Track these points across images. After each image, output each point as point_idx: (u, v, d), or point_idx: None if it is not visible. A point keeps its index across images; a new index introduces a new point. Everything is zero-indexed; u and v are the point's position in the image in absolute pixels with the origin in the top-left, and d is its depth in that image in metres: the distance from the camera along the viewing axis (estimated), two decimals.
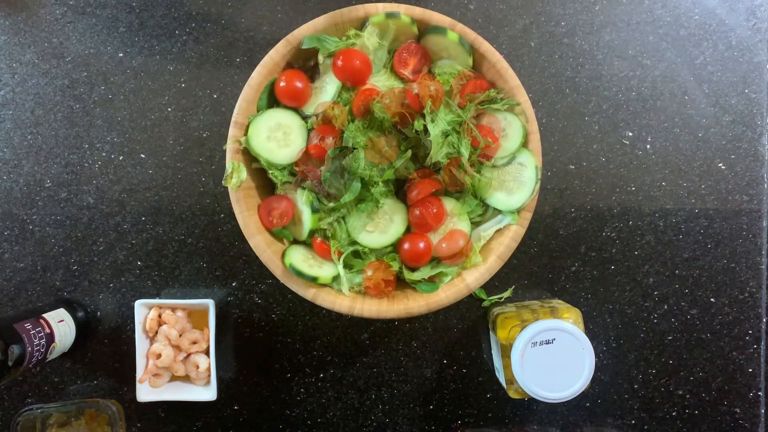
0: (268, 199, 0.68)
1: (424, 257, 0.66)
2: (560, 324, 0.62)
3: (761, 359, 0.76)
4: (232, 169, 0.65)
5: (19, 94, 0.77)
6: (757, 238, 0.76)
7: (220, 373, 0.75)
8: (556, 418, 0.76)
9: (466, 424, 0.77)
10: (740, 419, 0.76)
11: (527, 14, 0.76)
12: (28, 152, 0.77)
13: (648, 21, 0.77)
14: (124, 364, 0.76)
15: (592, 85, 0.77)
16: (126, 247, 0.77)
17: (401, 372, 0.77)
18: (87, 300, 0.77)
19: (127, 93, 0.77)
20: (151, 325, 0.73)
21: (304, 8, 0.76)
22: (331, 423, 0.77)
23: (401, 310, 0.65)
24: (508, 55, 0.76)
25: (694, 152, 0.76)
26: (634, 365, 0.76)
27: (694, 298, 0.76)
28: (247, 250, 0.70)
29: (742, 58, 0.76)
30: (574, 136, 0.76)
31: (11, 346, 0.62)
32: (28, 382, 0.77)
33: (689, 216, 0.76)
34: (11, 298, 0.77)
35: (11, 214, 0.77)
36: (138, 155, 0.77)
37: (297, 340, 0.77)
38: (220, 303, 0.76)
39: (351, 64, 0.64)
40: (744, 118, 0.76)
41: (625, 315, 0.76)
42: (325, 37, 0.65)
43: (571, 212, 0.76)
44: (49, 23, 0.77)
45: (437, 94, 0.64)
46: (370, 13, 0.65)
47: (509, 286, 0.76)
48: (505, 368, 0.66)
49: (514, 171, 0.67)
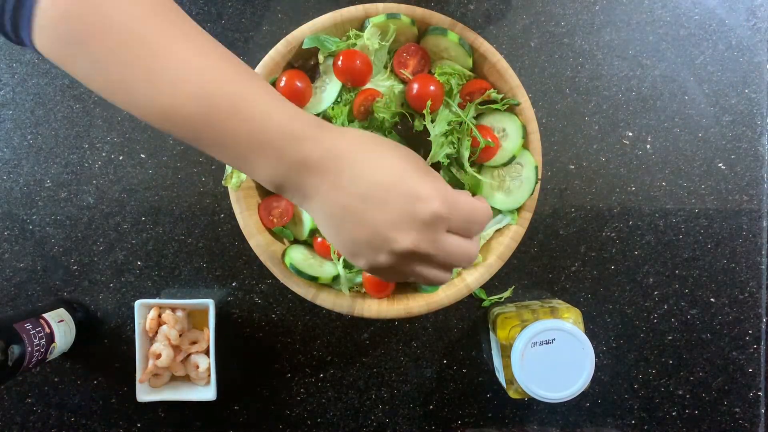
0: (268, 199, 0.68)
1: None
2: (560, 324, 0.62)
3: (761, 359, 0.76)
4: (232, 169, 0.65)
5: (19, 94, 0.77)
6: (757, 238, 0.76)
7: (220, 373, 0.75)
8: (556, 418, 0.76)
9: (466, 424, 0.77)
10: (740, 419, 0.76)
11: (527, 14, 0.77)
12: (28, 152, 0.77)
13: (648, 21, 0.77)
14: (124, 364, 0.76)
15: (592, 85, 0.77)
16: (126, 247, 0.77)
17: (401, 372, 0.77)
18: (87, 300, 0.77)
19: None
20: (151, 325, 0.73)
21: (304, 8, 0.76)
22: (331, 423, 0.77)
23: (401, 310, 0.65)
24: (508, 55, 0.76)
25: (694, 152, 0.76)
26: (634, 365, 0.76)
27: (694, 298, 0.76)
28: (247, 250, 0.70)
29: (742, 58, 0.77)
30: (574, 136, 0.76)
31: (11, 346, 0.62)
32: (28, 382, 0.77)
33: (689, 216, 0.76)
34: (11, 298, 0.77)
35: (11, 214, 0.77)
36: (138, 155, 0.77)
37: (297, 340, 0.77)
38: (220, 303, 0.76)
39: (352, 64, 0.64)
40: (744, 118, 0.76)
41: (625, 315, 0.76)
42: (325, 38, 0.65)
43: (571, 212, 0.76)
44: None
45: (437, 94, 0.64)
46: (370, 14, 0.66)
47: (509, 286, 0.76)
48: (505, 368, 0.66)
49: (514, 171, 0.67)
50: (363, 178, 0.42)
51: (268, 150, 0.42)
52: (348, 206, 0.42)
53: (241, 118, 0.41)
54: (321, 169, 0.42)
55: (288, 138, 0.42)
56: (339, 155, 0.42)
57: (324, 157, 0.42)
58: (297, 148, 0.42)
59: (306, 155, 0.42)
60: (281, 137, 0.42)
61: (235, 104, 0.41)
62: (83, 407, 0.77)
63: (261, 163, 0.43)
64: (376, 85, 0.67)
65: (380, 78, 0.67)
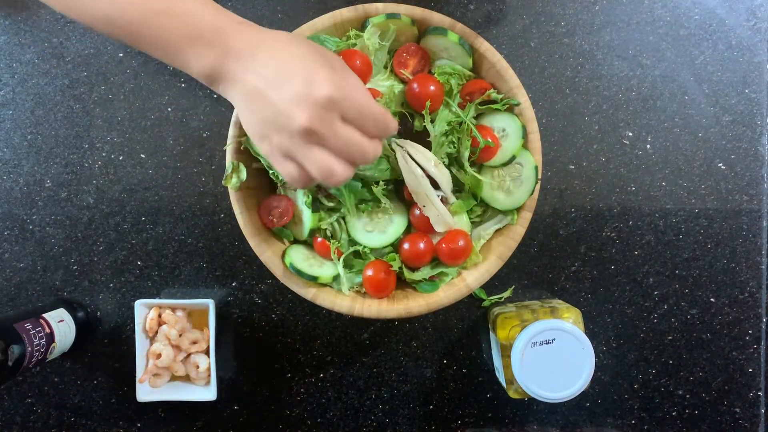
0: (268, 199, 0.68)
1: (425, 257, 0.66)
2: (560, 324, 0.62)
3: (761, 359, 0.76)
4: (232, 169, 0.65)
5: (19, 94, 0.77)
6: (757, 238, 0.76)
7: (220, 373, 0.75)
8: (556, 418, 0.76)
9: (466, 424, 0.77)
10: (740, 419, 0.76)
11: (527, 14, 0.76)
12: (28, 152, 0.77)
13: (648, 21, 0.77)
14: (124, 364, 0.76)
15: (592, 85, 0.77)
16: (126, 247, 0.77)
17: (401, 372, 0.77)
18: (87, 300, 0.77)
19: (127, 93, 0.77)
20: (151, 325, 0.73)
21: (304, 8, 0.76)
22: (331, 423, 0.77)
23: (401, 310, 0.65)
24: (508, 55, 0.76)
25: (694, 152, 0.76)
26: (634, 365, 0.76)
27: (694, 298, 0.76)
28: (247, 250, 0.70)
29: (742, 58, 0.77)
30: (574, 136, 0.76)
31: (11, 346, 0.62)
32: (28, 382, 0.77)
33: (689, 216, 0.76)
34: (11, 298, 0.77)
35: (11, 214, 0.77)
36: (138, 155, 0.77)
37: (297, 340, 0.77)
38: (220, 303, 0.76)
39: (352, 64, 0.64)
40: (744, 118, 0.76)
41: (625, 315, 0.76)
42: (325, 37, 0.65)
43: (571, 212, 0.76)
44: (49, 23, 0.77)
45: (437, 94, 0.64)
46: (370, 14, 0.66)
47: (509, 286, 0.76)
48: (505, 368, 0.66)
49: (514, 171, 0.67)
50: (270, 63, 0.47)
51: (200, 42, 0.48)
52: (256, 87, 0.47)
53: (176, 17, 0.48)
54: (240, 57, 0.48)
55: (217, 32, 0.48)
56: (257, 45, 0.48)
57: (245, 47, 0.48)
58: (223, 39, 0.48)
59: (230, 45, 0.48)
60: (211, 31, 0.48)
61: (170, 6, 0.48)
62: (83, 407, 0.77)
63: (193, 55, 0.49)
64: (376, 85, 0.67)
65: (380, 78, 0.67)
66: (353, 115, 0.48)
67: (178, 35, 0.48)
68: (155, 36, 0.49)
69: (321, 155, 0.47)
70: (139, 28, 0.49)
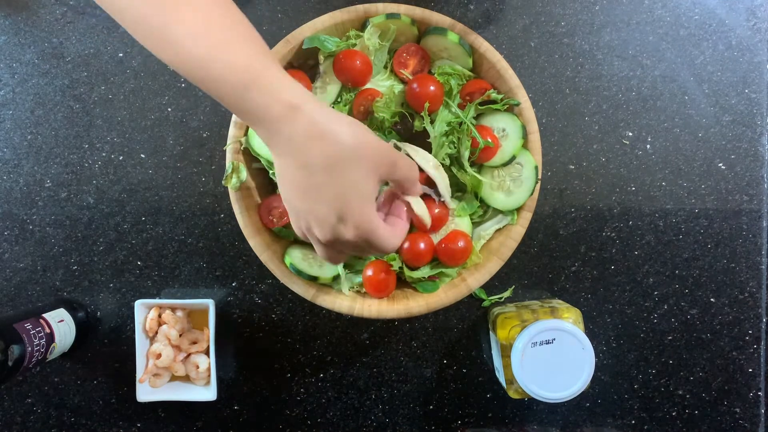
0: (268, 199, 0.68)
1: (425, 257, 0.66)
2: (560, 324, 0.62)
3: (761, 359, 0.76)
4: (232, 169, 0.65)
5: (19, 94, 0.77)
6: (757, 238, 0.76)
7: (220, 373, 0.75)
8: (556, 418, 0.76)
9: (466, 424, 0.77)
10: (740, 419, 0.76)
11: (527, 14, 0.76)
12: (28, 152, 0.77)
13: (648, 21, 0.77)
14: (124, 364, 0.76)
15: (592, 85, 0.77)
16: (126, 247, 0.77)
17: (401, 372, 0.77)
18: (87, 300, 0.77)
19: (127, 93, 0.77)
20: (151, 325, 0.73)
21: (304, 8, 0.76)
22: (331, 423, 0.77)
23: (401, 310, 0.65)
24: (508, 55, 0.76)
25: (694, 152, 0.76)
26: (634, 365, 0.76)
27: (694, 298, 0.76)
28: (247, 250, 0.70)
29: (742, 58, 0.77)
30: (574, 136, 0.76)
31: (11, 346, 0.62)
32: (28, 382, 0.77)
33: (689, 216, 0.76)
34: (11, 298, 0.77)
35: (11, 214, 0.77)
36: (138, 155, 0.77)
37: (297, 340, 0.77)
38: (220, 303, 0.76)
39: (352, 64, 0.64)
40: (744, 118, 0.76)
41: (625, 315, 0.76)
42: (325, 38, 0.65)
43: (571, 212, 0.76)
44: (49, 23, 0.77)
45: (437, 95, 0.64)
46: (370, 14, 0.66)
47: (509, 286, 0.76)
48: (505, 368, 0.66)
49: (514, 171, 0.67)
50: (317, 163, 0.47)
51: (269, 118, 0.47)
52: (297, 180, 0.48)
53: (255, 91, 0.47)
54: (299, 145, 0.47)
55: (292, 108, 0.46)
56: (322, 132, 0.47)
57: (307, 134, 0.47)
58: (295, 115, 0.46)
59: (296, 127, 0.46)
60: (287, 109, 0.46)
61: (254, 78, 0.47)
62: (83, 407, 0.77)
63: (260, 127, 0.48)
64: (376, 85, 0.67)
65: (380, 78, 0.67)
66: (363, 246, 0.51)
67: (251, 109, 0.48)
68: (232, 107, 0.50)
69: (330, 252, 0.52)
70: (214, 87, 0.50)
